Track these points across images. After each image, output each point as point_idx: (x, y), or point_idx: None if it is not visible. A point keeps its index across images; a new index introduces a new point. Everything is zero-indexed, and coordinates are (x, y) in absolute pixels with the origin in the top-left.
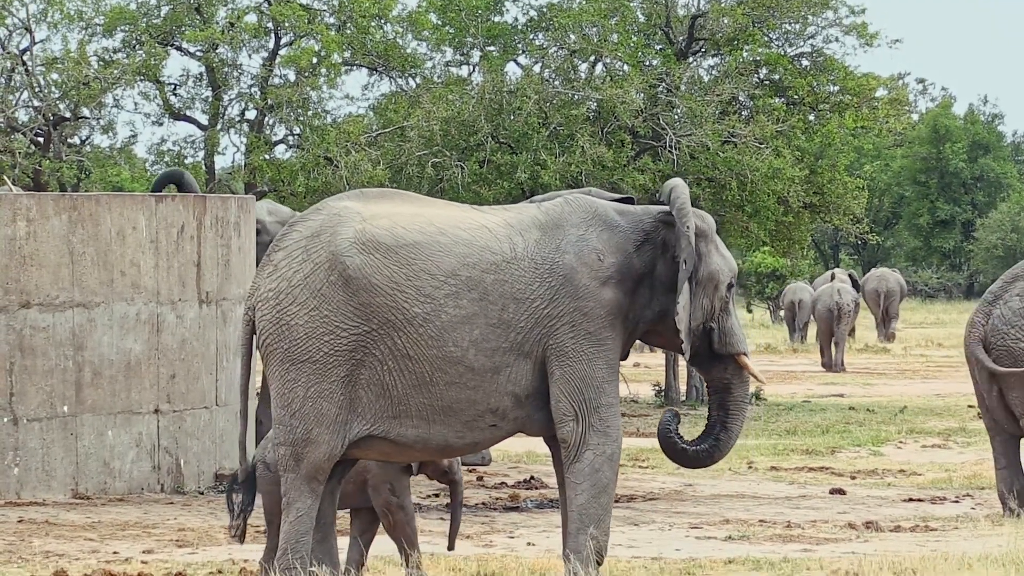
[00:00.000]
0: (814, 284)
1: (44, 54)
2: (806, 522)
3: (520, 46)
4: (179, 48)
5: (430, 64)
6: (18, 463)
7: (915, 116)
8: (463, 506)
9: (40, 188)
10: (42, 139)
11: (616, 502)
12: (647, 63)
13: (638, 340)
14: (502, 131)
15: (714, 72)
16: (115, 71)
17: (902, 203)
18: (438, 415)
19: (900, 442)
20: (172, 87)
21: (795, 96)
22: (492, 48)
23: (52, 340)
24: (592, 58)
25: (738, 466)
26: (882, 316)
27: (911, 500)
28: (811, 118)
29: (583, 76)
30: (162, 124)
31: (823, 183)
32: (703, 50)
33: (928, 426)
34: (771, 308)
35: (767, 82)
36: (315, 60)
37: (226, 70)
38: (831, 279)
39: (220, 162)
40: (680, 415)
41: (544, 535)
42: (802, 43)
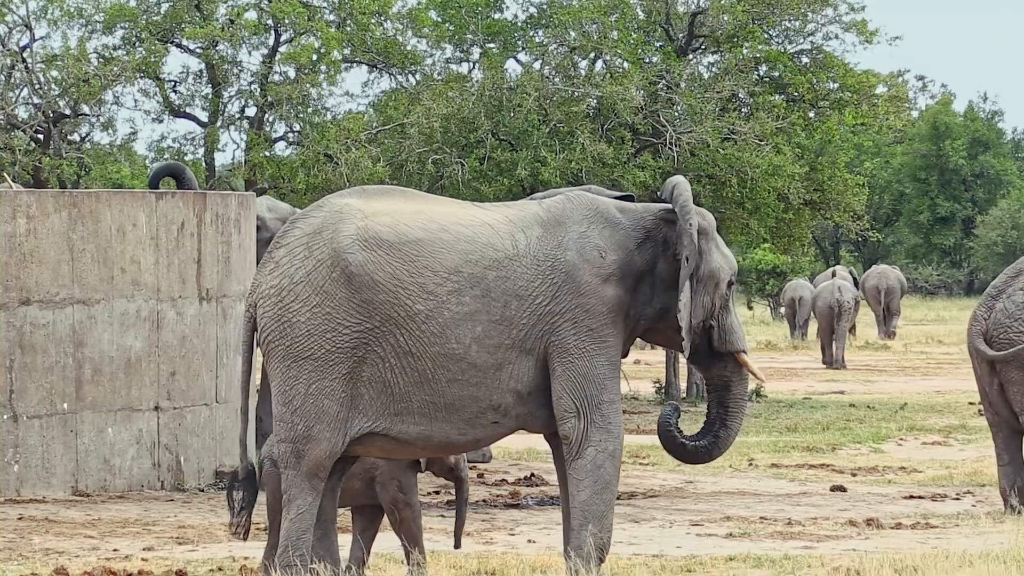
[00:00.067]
0: (815, 281)
1: (44, 51)
2: (807, 519)
3: (520, 43)
4: (179, 45)
5: (430, 61)
6: (18, 460)
7: (915, 113)
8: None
9: (40, 185)
10: (42, 136)
11: (617, 499)
12: (647, 60)
13: (638, 338)
14: (502, 128)
15: (714, 69)
16: (115, 68)
17: (902, 200)
18: (440, 412)
19: (901, 439)
20: (172, 84)
21: (795, 93)
22: (492, 45)
23: (52, 337)
24: (592, 55)
25: (739, 463)
26: (883, 313)
27: (912, 497)
28: (811, 115)
29: (583, 73)
30: (162, 121)
31: (823, 180)
32: (703, 47)
33: (929, 423)
34: (772, 305)
35: (767, 79)
36: (315, 57)
37: (226, 67)
38: (832, 276)
39: (220, 159)
40: (680, 409)
41: (545, 532)
42: (802, 40)
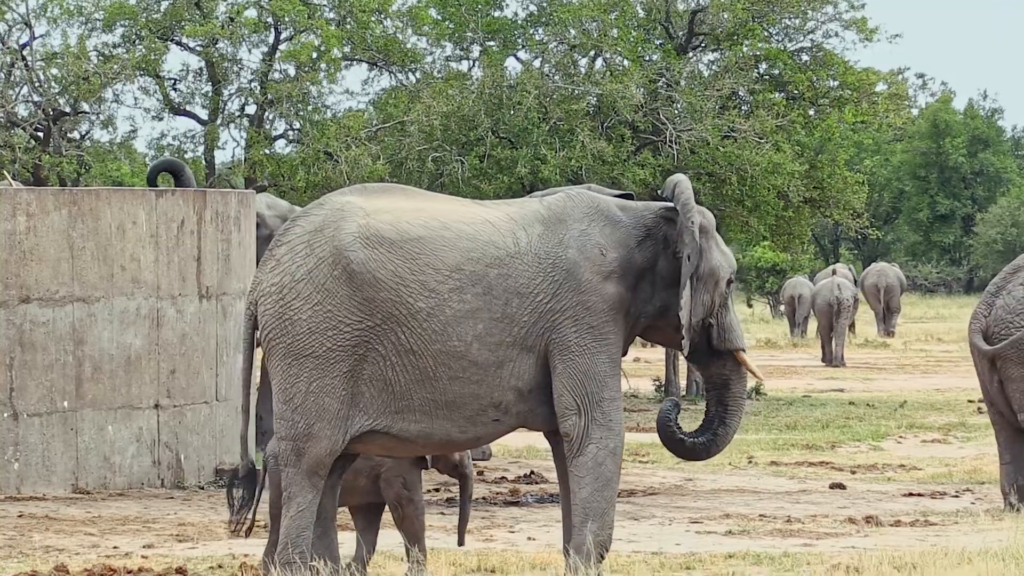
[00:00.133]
0: (815, 279)
1: (44, 49)
2: (806, 517)
3: (520, 41)
4: (179, 43)
5: (430, 59)
6: (18, 458)
7: (915, 111)
8: (472, 500)
9: (40, 183)
10: (42, 134)
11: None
12: (647, 58)
13: (637, 336)
14: (502, 126)
15: (714, 67)
16: (115, 66)
17: (902, 198)
18: (441, 410)
19: (900, 437)
20: (172, 82)
21: (795, 91)
22: (492, 43)
23: (52, 335)
24: (592, 53)
25: (738, 461)
26: (883, 311)
27: (911, 495)
28: (811, 113)
29: (583, 71)
30: (162, 119)
31: (823, 178)
32: (703, 45)
33: (928, 421)
34: (771, 303)
35: (767, 77)
36: (315, 55)
37: (226, 65)
38: (832, 274)
39: (220, 157)
40: (680, 405)
41: (544, 530)
42: (802, 38)
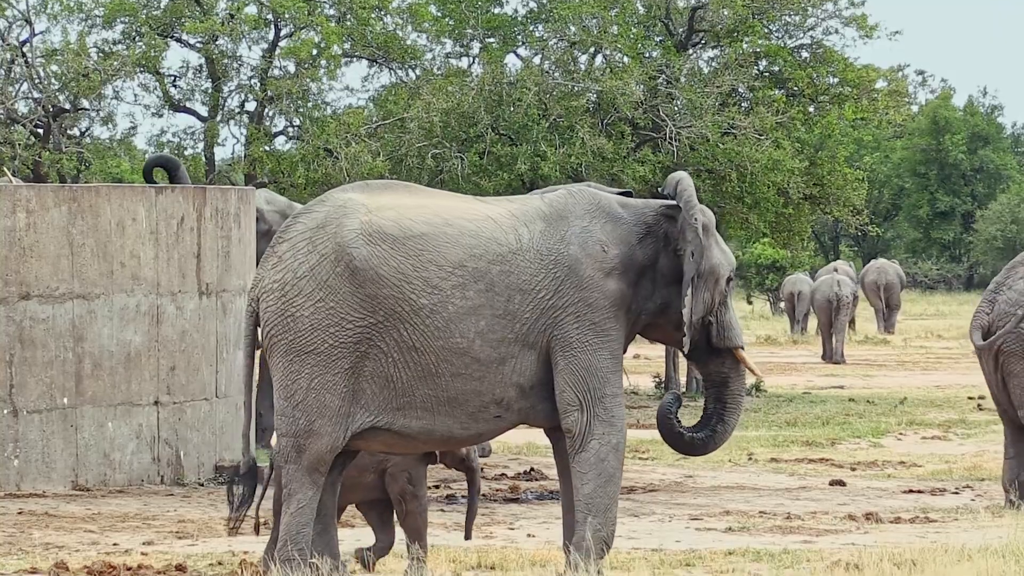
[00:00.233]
0: (816, 276)
1: (44, 46)
2: (806, 513)
3: (520, 38)
4: (179, 40)
5: (430, 56)
6: (18, 455)
7: (915, 108)
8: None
9: (40, 179)
10: (42, 131)
11: None
12: (647, 55)
13: (637, 334)
14: (502, 123)
15: (714, 64)
16: (115, 63)
17: (902, 195)
18: (443, 406)
19: (900, 434)
20: (172, 79)
21: (795, 88)
22: (492, 40)
23: (52, 332)
24: (592, 50)
25: (738, 457)
26: (883, 308)
27: (911, 491)
28: (811, 110)
29: (583, 68)
30: (162, 116)
31: (823, 175)
32: (703, 42)
33: (928, 418)
34: (771, 300)
35: (767, 74)
36: (315, 52)
37: (226, 61)
38: (834, 271)
39: (220, 153)
40: (681, 399)
41: (544, 526)
42: (802, 35)
